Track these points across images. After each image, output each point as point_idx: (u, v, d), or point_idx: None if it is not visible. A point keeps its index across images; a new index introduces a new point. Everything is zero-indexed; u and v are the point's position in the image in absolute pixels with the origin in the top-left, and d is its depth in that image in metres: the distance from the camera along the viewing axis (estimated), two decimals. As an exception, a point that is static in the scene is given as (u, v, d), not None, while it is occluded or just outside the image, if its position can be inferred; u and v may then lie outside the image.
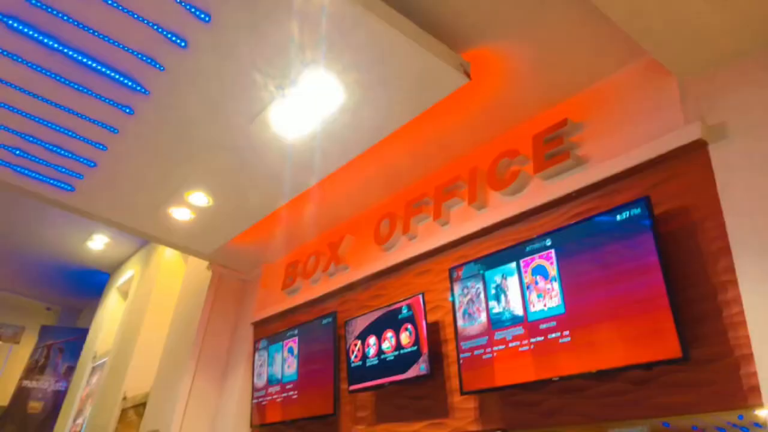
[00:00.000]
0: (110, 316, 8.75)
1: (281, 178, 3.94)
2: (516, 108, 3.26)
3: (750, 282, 2.07)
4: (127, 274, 8.60)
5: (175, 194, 4.23)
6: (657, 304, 2.25)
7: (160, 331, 6.50)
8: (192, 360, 5.16)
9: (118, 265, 9.27)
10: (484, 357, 2.92)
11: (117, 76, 3.19)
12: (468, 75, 2.89)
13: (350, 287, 4.25)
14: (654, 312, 2.26)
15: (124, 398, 6.51)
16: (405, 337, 3.43)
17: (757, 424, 2.03)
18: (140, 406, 6.02)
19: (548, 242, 2.76)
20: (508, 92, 3.16)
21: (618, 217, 2.49)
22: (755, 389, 1.98)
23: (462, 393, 2.99)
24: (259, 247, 5.18)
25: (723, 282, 2.20)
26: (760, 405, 1.93)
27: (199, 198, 4.23)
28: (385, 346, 3.56)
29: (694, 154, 2.44)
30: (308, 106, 3.19)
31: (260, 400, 4.63)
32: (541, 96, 3.15)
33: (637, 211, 2.42)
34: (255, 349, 4.90)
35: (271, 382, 4.56)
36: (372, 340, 3.67)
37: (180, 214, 4.49)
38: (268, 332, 4.90)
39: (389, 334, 3.55)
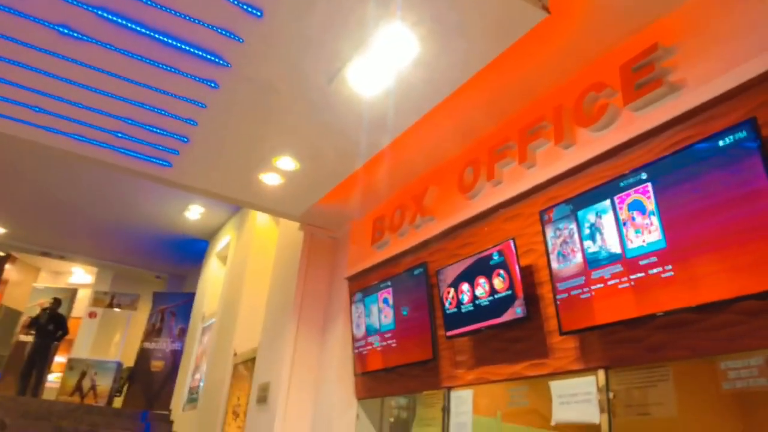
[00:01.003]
0: (213, 279, 9.36)
1: (360, 137, 4.01)
2: (600, 38, 3.10)
3: None
4: (224, 240, 9.11)
5: (264, 161, 4.41)
6: (765, 230, 2.14)
7: (261, 291, 6.90)
8: (293, 316, 5.46)
9: (214, 232, 9.83)
10: (582, 297, 2.90)
11: (200, 53, 3.33)
12: (546, 9, 2.78)
13: (438, 237, 4.30)
14: (762, 239, 2.15)
15: (235, 354, 7.02)
16: (498, 282, 3.45)
17: None
18: (249, 362, 6.48)
19: (644, 176, 2.66)
20: (590, 22, 3.01)
21: (720, 143, 2.35)
22: None
23: (561, 333, 3.00)
24: (346, 205, 5.33)
25: None
26: None
27: (287, 162, 4.39)
28: (479, 291, 3.60)
29: (805, 67, 2.24)
30: (384, 62, 3.20)
31: (361, 349, 4.85)
32: (626, 22, 2.98)
33: (742, 134, 2.27)
34: (351, 302, 5.10)
35: (369, 332, 4.76)
36: (465, 286, 3.72)
37: (270, 179, 4.69)
38: (362, 285, 5.08)
39: (482, 280, 3.59)
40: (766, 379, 2.25)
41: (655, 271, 2.54)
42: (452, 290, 3.84)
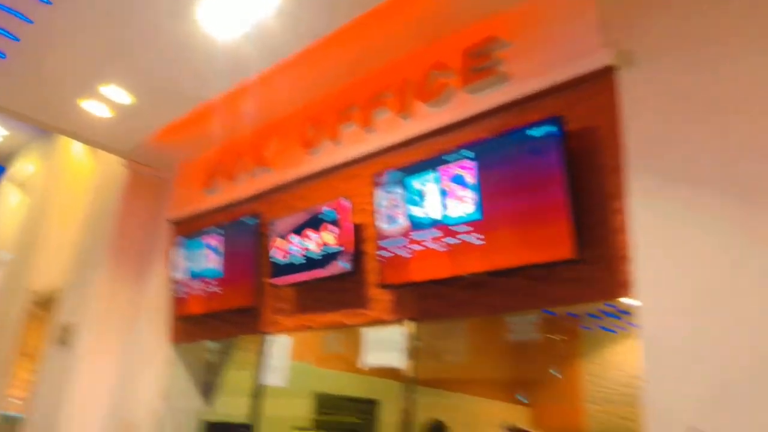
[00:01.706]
0: (8, 209, 8.31)
1: (205, 78, 3.87)
2: (449, 19, 3.34)
3: (635, 196, 2.40)
4: (26, 167, 8.11)
5: (87, 86, 4.05)
6: (558, 212, 2.57)
7: (68, 227, 6.32)
8: (107, 256, 5.14)
9: (13, 158, 8.68)
10: (402, 256, 3.18)
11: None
12: (404, -16, 2.94)
13: (275, 189, 4.35)
14: (555, 219, 2.57)
15: (30, 292, 6.39)
16: (329, 237, 3.63)
17: (623, 311, 2.44)
18: (49, 302, 5.95)
19: (468, 153, 2.98)
20: (440, 3, 3.24)
21: (533, 133, 2.74)
22: (628, 284, 2.36)
23: (380, 286, 3.27)
24: (177, 145, 5.09)
25: (613, 194, 2.53)
26: (631, 296, 2.32)
27: (116, 93, 4.08)
28: (309, 244, 3.75)
29: (605, 77, 2.69)
30: (242, 5, 3.12)
31: (181, 293, 4.75)
32: (473, 8, 3.24)
33: (550, 128, 2.67)
34: (174, 246, 4.94)
35: (193, 276, 4.67)
36: (296, 238, 3.84)
37: (95, 108, 4.31)
38: (188, 230, 4.94)
39: (313, 233, 3.73)
40: (538, 333, 2.73)
41: (468, 238, 2.89)
42: (283, 241, 3.94)
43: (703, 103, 2.32)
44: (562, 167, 2.60)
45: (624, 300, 2.40)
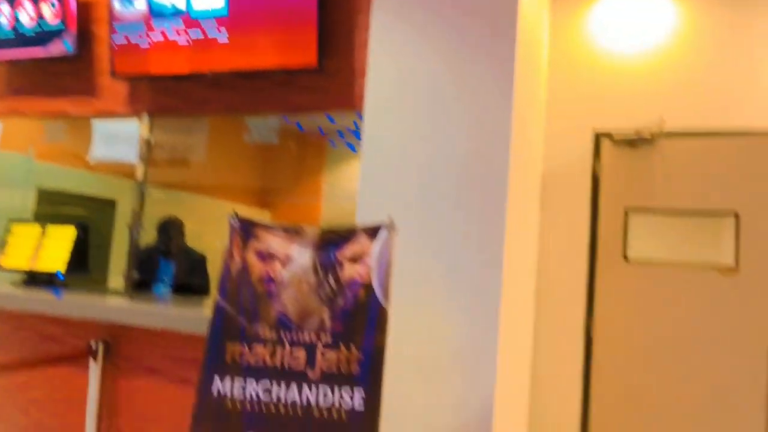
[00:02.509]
0: None
1: None
2: None
3: (377, 14, 2.51)
4: None
5: None
6: (307, 18, 2.58)
7: None
8: None
9: None
10: (140, 45, 2.92)
11: None
12: None
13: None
14: (303, 25, 2.59)
15: None
16: (47, 10, 3.10)
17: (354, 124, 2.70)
18: None
19: (221, -62, 2.73)
20: None
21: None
22: (362, 97, 2.56)
23: (113, 75, 3.00)
24: None
25: (360, 10, 2.61)
26: (361, 108, 2.53)
27: None
28: (23, 17, 3.17)
29: None
30: None
31: None
32: None
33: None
34: None
35: None
36: (5, 8, 3.20)
37: None
38: None
39: (28, 3, 3.15)
40: (276, 136, 2.87)
41: (213, 34, 2.75)
42: (-13, 6, 3.25)
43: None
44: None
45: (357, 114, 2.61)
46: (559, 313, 3.06)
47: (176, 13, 2.83)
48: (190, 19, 2.80)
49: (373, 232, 1.99)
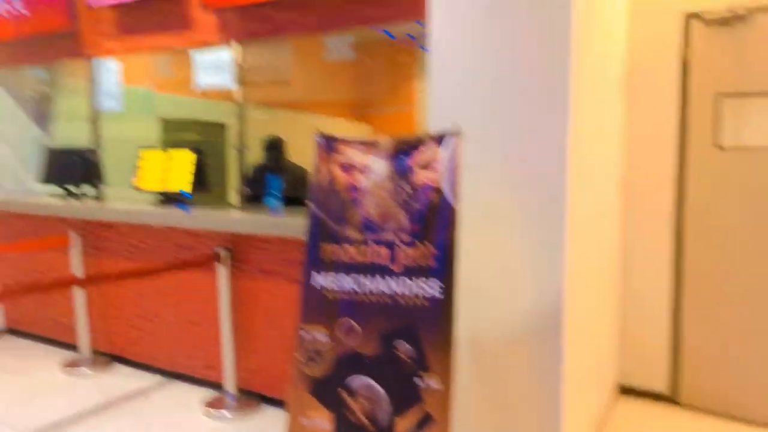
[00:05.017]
0: None
1: None
2: None
3: None
4: None
5: None
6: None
7: None
8: None
9: None
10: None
11: None
12: None
13: None
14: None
15: None
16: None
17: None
18: None
19: None
20: None
21: None
22: (425, 6, 2.61)
23: (204, 8, 3.26)
24: None
25: None
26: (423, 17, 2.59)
27: None
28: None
29: None
30: None
31: (-16, 17, 4.29)
32: None
33: None
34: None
35: (-8, -3, 4.18)
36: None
37: None
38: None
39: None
40: (352, 53, 3.02)
41: (285, -44, 2.89)
42: (92, -45, 3.59)
43: None
44: None
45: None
46: (649, 203, 3.07)
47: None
48: (265, -54, 2.94)
49: (440, 139, 2.15)
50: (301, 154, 4.29)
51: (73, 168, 4.12)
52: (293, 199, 3.87)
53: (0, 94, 4.65)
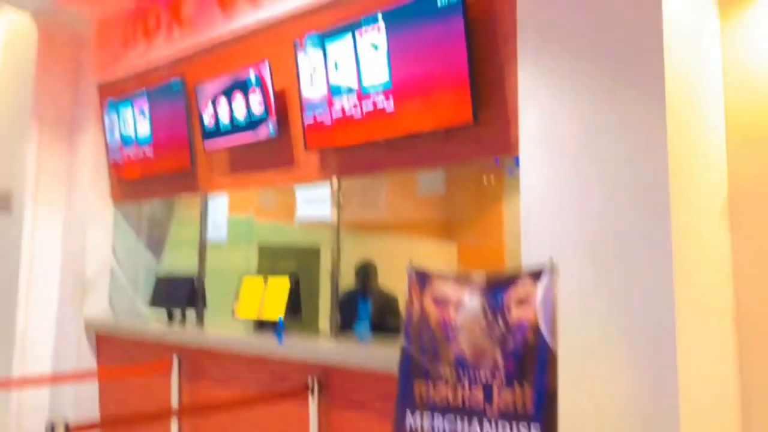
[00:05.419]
0: None
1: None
2: None
3: (524, 58, 2.64)
4: None
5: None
6: (460, 80, 2.82)
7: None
8: (31, 120, 5.08)
9: None
10: (324, 121, 3.41)
11: None
12: None
13: (196, 51, 4.34)
14: (457, 87, 2.83)
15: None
16: (254, 103, 3.78)
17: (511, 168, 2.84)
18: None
19: (380, 18, 3.10)
20: None
21: (439, 2, 2.87)
22: (516, 142, 2.70)
23: (306, 149, 3.54)
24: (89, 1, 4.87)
25: (507, 60, 2.77)
26: (516, 152, 2.67)
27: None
28: (236, 110, 3.90)
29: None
30: None
31: (117, 158, 4.88)
32: None
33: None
34: (103, 109, 4.95)
35: (125, 142, 4.77)
36: (223, 104, 3.97)
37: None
38: (114, 92, 4.92)
39: (239, 98, 3.87)
40: (444, 186, 3.13)
41: (381, 105, 3.13)
42: (211, 107, 4.06)
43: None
44: (464, 36, 2.80)
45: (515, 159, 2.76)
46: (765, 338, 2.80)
47: (350, 90, 3.27)
48: (362, 94, 3.21)
49: (536, 275, 2.12)
50: (394, 277, 4.37)
51: (179, 294, 4.41)
52: (383, 326, 3.88)
53: (121, 226, 5.15)
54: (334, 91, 3.35)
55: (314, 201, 3.72)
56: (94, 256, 4.97)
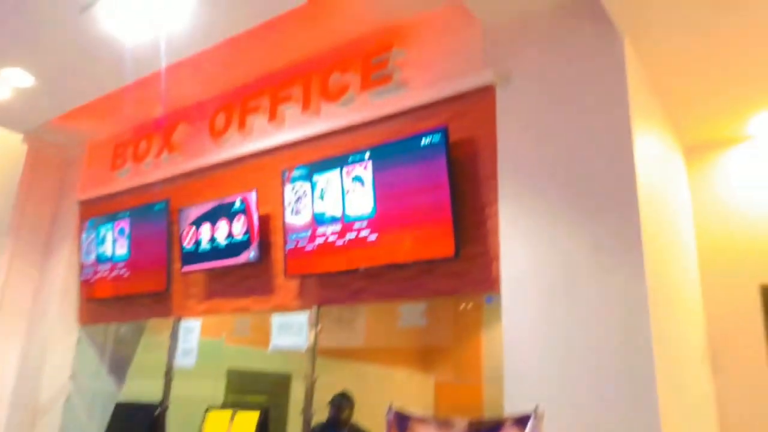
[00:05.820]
0: None
1: (114, 66, 3.88)
2: (350, 26, 3.54)
3: (505, 200, 2.74)
4: None
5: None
6: (442, 214, 2.89)
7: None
8: (8, 236, 5.02)
9: None
10: (306, 248, 3.42)
11: None
12: (306, -3, 3.10)
13: (184, 176, 4.42)
14: (439, 221, 2.89)
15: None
16: (237, 227, 3.80)
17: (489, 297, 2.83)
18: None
19: (367, 155, 3.23)
20: (342, 12, 3.43)
21: (422, 142, 3.02)
22: (498, 279, 2.72)
23: (286, 276, 3.51)
24: (84, 124, 5.02)
25: (489, 200, 2.86)
26: (498, 290, 2.68)
27: (19, 75, 4.01)
28: (218, 234, 3.90)
29: (486, 94, 3.00)
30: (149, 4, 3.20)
31: (89, 276, 4.77)
32: (372, 17, 3.45)
33: (436, 138, 2.96)
34: (82, 228, 4.92)
35: (100, 260, 4.69)
36: (206, 228, 3.98)
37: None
38: (96, 212, 4.92)
39: (223, 223, 3.89)
40: (425, 319, 3.08)
41: (364, 234, 3.17)
42: (193, 229, 4.06)
43: (559, 125, 2.67)
44: (446, 174, 2.91)
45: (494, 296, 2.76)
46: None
47: (334, 219, 3.32)
48: (345, 223, 3.26)
49: (520, 421, 2.03)
50: (366, 408, 4.15)
51: (137, 424, 4.10)
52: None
53: (84, 347, 4.91)
54: (318, 219, 3.39)
55: (290, 328, 3.61)
56: (51, 380, 4.69)
